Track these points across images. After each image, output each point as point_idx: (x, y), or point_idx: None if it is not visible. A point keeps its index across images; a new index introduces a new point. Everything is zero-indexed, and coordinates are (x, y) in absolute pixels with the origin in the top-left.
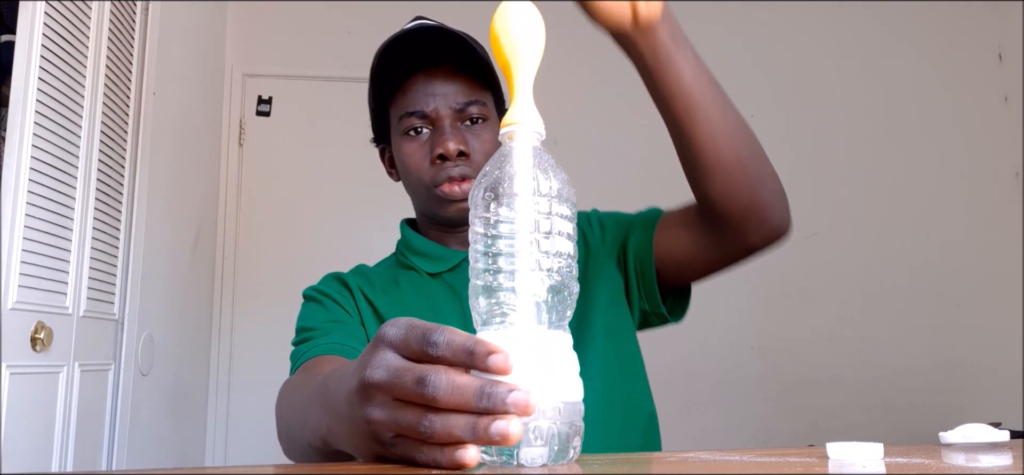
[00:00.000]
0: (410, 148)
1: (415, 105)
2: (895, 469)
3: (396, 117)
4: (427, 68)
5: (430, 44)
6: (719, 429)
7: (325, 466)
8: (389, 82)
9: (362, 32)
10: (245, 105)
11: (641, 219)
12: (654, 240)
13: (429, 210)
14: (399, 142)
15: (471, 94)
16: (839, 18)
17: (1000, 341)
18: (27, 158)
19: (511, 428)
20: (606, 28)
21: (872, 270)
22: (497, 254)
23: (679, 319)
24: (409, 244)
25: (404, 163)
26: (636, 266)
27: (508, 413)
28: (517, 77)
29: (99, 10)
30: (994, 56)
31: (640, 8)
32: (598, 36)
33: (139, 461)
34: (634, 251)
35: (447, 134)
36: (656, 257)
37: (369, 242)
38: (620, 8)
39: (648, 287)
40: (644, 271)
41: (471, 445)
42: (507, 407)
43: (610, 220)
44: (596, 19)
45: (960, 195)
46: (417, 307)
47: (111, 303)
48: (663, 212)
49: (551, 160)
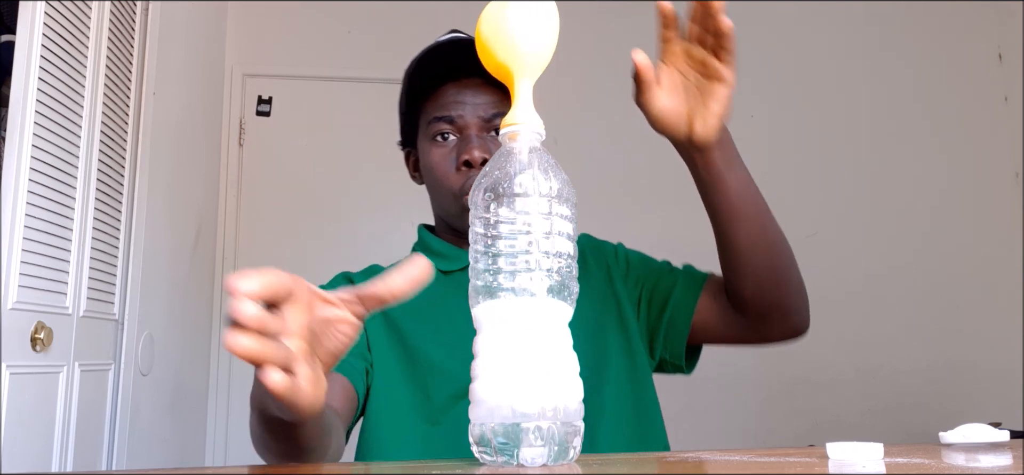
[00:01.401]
0: (436, 153)
1: (444, 111)
2: (895, 469)
3: (425, 121)
4: (459, 77)
5: (464, 56)
6: (719, 429)
7: (324, 466)
8: (422, 87)
9: (362, 32)
10: (245, 105)
11: (686, 277)
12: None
13: (448, 214)
14: (426, 146)
15: (499, 106)
16: (839, 18)
17: (1000, 341)
18: (27, 158)
19: (233, 339)
20: (717, 124)
21: (872, 270)
22: (497, 254)
23: (690, 372)
24: (426, 245)
25: (429, 166)
26: (671, 318)
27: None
28: (519, 80)
29: (99, 10)
30: (994, 56)
31: (697, 127)
32: (598, 36)
33: (139, 461)
34: (674, 305)
35: (473, 142)
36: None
37: (369, 242)
38: (678, 123)
39: (676, 342)
40: (678, 326)
41: (267, 366)
42: (233, 318)
43: (636, 259)
44: (655, 126)
45: (960, 195)
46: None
47: (111, 303)
48: (709, 277)
49: (551, 160)
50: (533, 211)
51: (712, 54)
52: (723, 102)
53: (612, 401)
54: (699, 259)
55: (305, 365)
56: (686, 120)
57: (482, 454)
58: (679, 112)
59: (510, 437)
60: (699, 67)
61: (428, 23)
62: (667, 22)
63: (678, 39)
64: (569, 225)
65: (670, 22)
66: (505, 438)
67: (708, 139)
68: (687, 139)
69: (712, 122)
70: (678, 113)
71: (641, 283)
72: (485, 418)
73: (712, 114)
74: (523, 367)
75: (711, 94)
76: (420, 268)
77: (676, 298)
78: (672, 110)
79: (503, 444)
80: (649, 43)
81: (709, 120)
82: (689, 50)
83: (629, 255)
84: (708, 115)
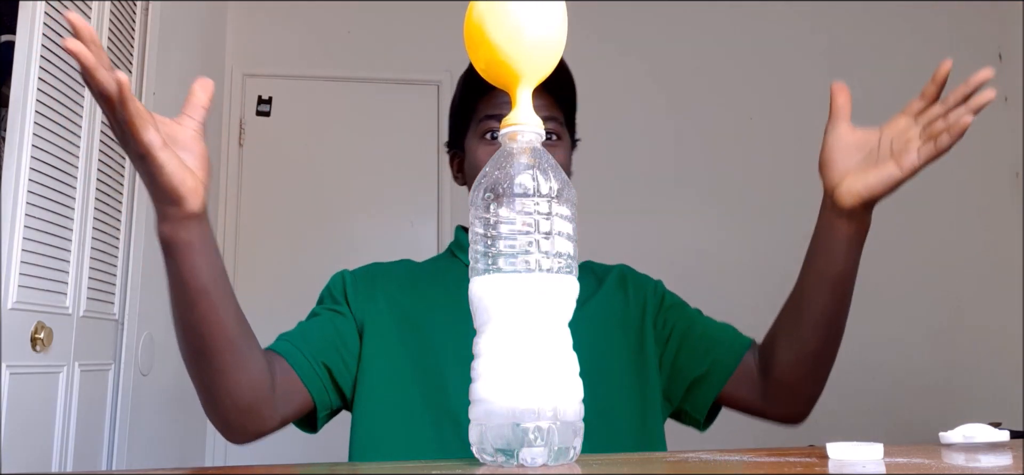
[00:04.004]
0: (484, 151)
1: (498, 109)
2: (895, 469)
3: (476, 119)
4: None
5: None
6: (719, 429)
7: (323, 466)
8: (479, 85)
9: (362, 32)
10: (245, 105)
11: (731, 340)
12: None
13: None
14: (474, 144)
15: (550, 111)
16: (839, 18)
17: (1000, 341)
18: (27, 158)
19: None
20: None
21: (872, 270)
22: (497, 254)
23: (705, 429)
24: (459, 242)
25: (475, 164)
26: (706, 376)
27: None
28: (521, 83)
29: (99, 10)
30: (994, 56)
31: (848, 182)
32: (598, 36)
33: (139, 461)
34: (713, 362)
35: None
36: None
37: (369, 242)
38: (835, 168)
39: (703, 397)
40: (711, 382)
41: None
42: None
43: (672, 299)
44: (821, 157)
45: (960, 195)
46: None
47: (111, 303)
48: (751, 344)
49: (551, 160)
50: (533, 211)
51: (923, 138)
52: (884, 179)
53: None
54: (695, 262)
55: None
56: (842, 171)
57: (482, 454)
58: (846, 160)
59: (510, 437)
60: (900, 141)
61: (428, 23)
62: (934, 80)
63: (919, 107)
64: (569, 225)
65: (937, 80)
66: (505, 438)
67: (848, 201)
68: (833, 188)
69: (859, 187)
70: (844, 160)
71: (672, 325)
72: (485, 418)
73: (863, 180)
74: (523, 368)
75: (881, 165)
76: (202, 84)
77: (718, 357)
78: (840, 152)
79: (503, 444)
80: (650, 42)
81: (857, 183)
82: (908, 124)
83: (665, 294)
84: (861, 178)
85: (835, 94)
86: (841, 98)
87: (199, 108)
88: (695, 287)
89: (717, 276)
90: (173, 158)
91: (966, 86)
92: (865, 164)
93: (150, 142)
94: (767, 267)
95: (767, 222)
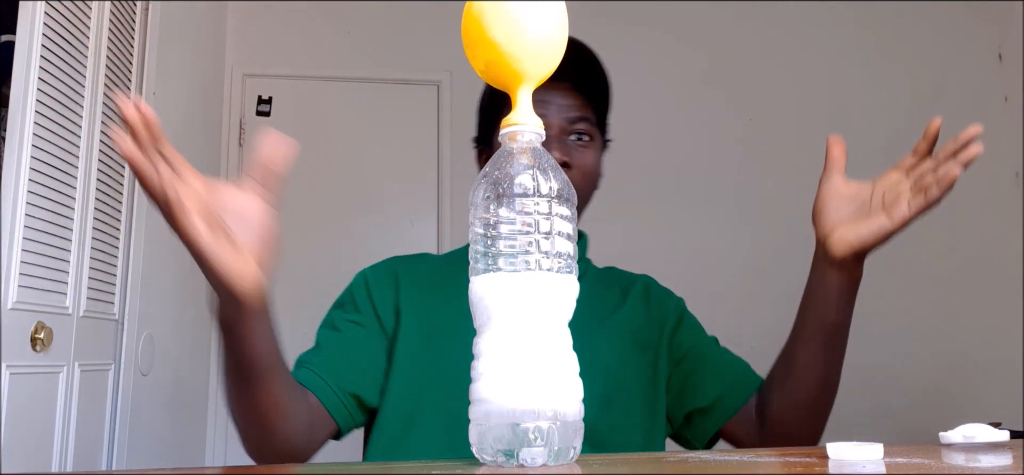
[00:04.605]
0: None
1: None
2: (895, 469)
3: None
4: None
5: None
6: None
7: (322, 466)
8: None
9: (362, 32)
10: (245, 105)
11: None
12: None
13: None
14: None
15: (582, 111)
16: (839, 18)
17: (1000, 341)
18: (27, 158)
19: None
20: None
21: (872, 270)
22: (497, 254)
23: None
24: None
25: None
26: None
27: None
28: (522, 83)
29: (99, 10)
30: (994, 56)
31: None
32: (599, 36)
33: (139, 461)
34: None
35: (553, 145)
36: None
37: (369, 241)
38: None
39: (707, 426)
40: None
41: (139, 162)
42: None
43: (691, 321)
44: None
45: (960, 195)
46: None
47: (111, 303)
48: (762, 382)
49: (551, 160)
50: (533, 211)
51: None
52: (874, 230)
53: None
54: (691, 266)
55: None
56: (834, 222)
57: (482, 454)
58: (838, 211)
59: (510, 437)
60: (892, 194)
61: (428, 23)
62: (926, 137)
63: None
64: (569, 225)
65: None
66: (505, 438)
67: (839, 251)
68: (825, 237)
69: (850, 237)
70: (837, 210)
71: (686, 348)
72: (485, 418)
73: (855, 230)
74: (523, 368)
75: (872, 217)
76: (275, 138)
77: (723, 391)
78: (833, 203)
79: (503, 445)
80: (649, 44)
81: (848, 233)
82: (900, 178)
83: (685, 314)
84: (853, 228)
85: (831, 146)
86: (836, 150)
87: (260, 168)
88: (695, 287)
89: (717, 277)
90: (217, 243)
91: (955, 142)
92: (857, 215)
93: (192, 231)
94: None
95: (767, 222)
